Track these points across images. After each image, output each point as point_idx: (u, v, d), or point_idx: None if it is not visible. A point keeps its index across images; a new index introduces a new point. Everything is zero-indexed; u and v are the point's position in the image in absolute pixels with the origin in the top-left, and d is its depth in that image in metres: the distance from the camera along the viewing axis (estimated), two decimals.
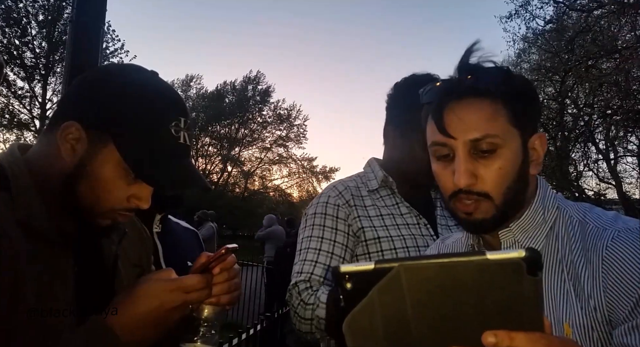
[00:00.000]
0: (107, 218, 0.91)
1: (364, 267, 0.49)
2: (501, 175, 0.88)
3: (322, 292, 1.42)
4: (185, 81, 30.21)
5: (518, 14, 13.76)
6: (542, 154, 0.95)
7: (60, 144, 0.87)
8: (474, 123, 0.87)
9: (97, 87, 0.90)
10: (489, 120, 0.87)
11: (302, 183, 31.87)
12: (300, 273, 1.50)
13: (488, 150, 0.88)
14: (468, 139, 0.88)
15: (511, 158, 0.89)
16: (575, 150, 17.22)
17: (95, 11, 2.49)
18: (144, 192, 0.91)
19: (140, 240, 1.13)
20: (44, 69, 20.35)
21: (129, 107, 0.88)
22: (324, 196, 1.60)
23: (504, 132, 0.88)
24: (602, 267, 0.83)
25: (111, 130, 0.87)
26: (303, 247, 1.55)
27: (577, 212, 0.94)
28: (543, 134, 0.94)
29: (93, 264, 0.96)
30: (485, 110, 0.88)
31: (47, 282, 0.85)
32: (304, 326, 1.43)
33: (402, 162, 1.60)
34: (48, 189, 0.89)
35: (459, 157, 0.89)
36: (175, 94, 0.96)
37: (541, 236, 0.94)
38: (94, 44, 2.45)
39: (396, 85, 1.62)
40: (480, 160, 0.89)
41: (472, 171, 0.88)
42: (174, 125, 0.90)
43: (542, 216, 0.95)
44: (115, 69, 0.98)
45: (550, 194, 0.98)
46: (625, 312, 0.79)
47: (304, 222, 1.61)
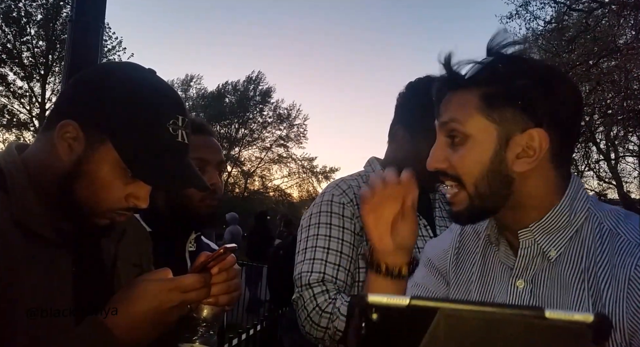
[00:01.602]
0: (105, 218, 0.90)
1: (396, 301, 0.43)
2: (468, 163, 0.90)
3: (341, 303, 1.39)
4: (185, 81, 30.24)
5: (519, 14, 13.76)
6: (540, 152, 0.88)
7: (57, 143, 0.86)
8: (445, 109, 0.93)
9: (94, 85, 0.90)
10: (459, 108, 0.91)
11: (302, 183, 31.86)
12: (310, 272, 1.45)
13: (455, 137, 0.91)
14: (440, 122, 0.94)
15: (481, 149, 0.89)
16: (576, 151, 17.23)
17: (95, 10, 2.48)
18: (141, 191, 0.90)
19: (140, 239, 1.12)
20: (43, 68, 20.34)
21: (126, 105, 0.87)
22: (327, 194, 1.57)
23: (474, 121, 0.89)
24: (628, 287, 0.80)
25: (108, 129, 0.86)
26: (309, 246, 1.51)
27: (609, 220, 0.89)
28: (542, 131, 0.88)
29: (92, 264, 0.96)
30: (460, 99, 0.92)
31: (45, 282, 0.84)
32: (316, 332, 1.40)
33: (406, 162, 1.57)
34: (45, 188, 0.88)
35: (437, 142, 0.95)
36: (173, 92, 0.96)
37: (564, 239, 0.90)
38: (94, 43, 2.45)
39: (410, 84, 1.59)
40: (453, 147, 0.92)
41: (441, 156, 0.93)
42: (172, 124, 0.89)
43: (568, 219, 0.90)
44: (113, 68, 0.97)
45: (582, 195, 0.93)
46: None
47: (307, 220, 1.57)
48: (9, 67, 20.20)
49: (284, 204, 30.85)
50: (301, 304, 1.44)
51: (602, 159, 17.13)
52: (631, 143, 16.80)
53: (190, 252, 1.42)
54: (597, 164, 17.31)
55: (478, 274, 1.02)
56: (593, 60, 12.62)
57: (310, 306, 1.41)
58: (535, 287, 0.92)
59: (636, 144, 16.60)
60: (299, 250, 1.55)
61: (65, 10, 18.37)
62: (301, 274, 1.47)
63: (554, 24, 13.66)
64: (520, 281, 0.93)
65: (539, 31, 14.17)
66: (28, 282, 0.81)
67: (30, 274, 0.82)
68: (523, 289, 0.93)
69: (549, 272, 0.91)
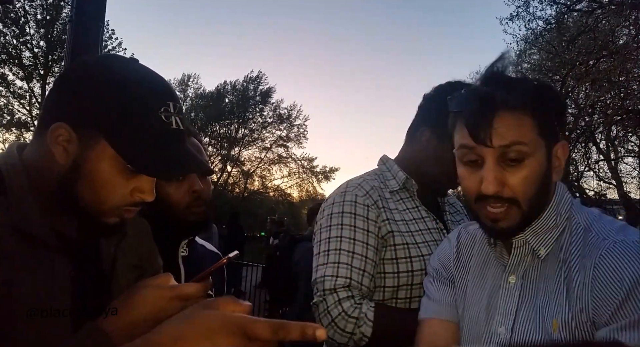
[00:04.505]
0: (113, 216, 0.88)
1: None
2: (527, 183, 0.93)
3: (367, 308, 1.36)
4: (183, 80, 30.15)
5: (519, 15, 13.75)
6: (564, 162, 1.00)
7: (51, 147, 0.84)
8: (505, 132, 0.92)
9: (78, 83, 0.87)
10: (519, 131, 0.92)
11: (302, 183, 31.84)
12: (336, 277, 1.38)
13: (516, 159, 0.92)
14: (498, 146, 0.92)
15: (537, 167, 0.94)
16: (576, 151, 17.22)
17: (95, 10, 2.48)
18: (145, 184, 0.89)
19: (140, 237, 1.10)
20: (42, 68, 20.31)
21: (113, 99, 0.84)
22: (349, 194, 1.49)
23: (532, 142, 0.93)
24: (592, 274, 0.90)
25: (100, 126, 0.84)
26: (332, 248, 1.43)
27: (585, 220, 0.99)
28: (565, 142, 1.00)
29: (90, 267, 0.94)
30: (516, 121, 0.93)
31: (44, 286, 0.83)
32: (340, 337, 1.36)
33: (426, 164, 1.55)
34: (45, 191, 0.86)
35: (488, 164, 0.93)
36: (160, 78, 0.92)
37: (551, 239, 0.99)
38: (94, 43, 2.44)
39: (440, 86, 1.55)
40: (508, 169, 0.93)
41: (500, 179, 0.93)
42: (164, 111, 0.87)
43: (555, 221, 1.00)
44: (93, 62, 0.93)
45: (565, 199, 1.02)
46: (607, 315, 0.86)
47: (328, 220, 1.48)
48: (8, 67, 20.19)
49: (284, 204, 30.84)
50: (323, 309, 1.38)
51: (602, 159, 17.11)
52: (631, 143, 16.78)
53: (183, 257, 1.40)
54: (597, 164, 17.30)
55: (476, 272, 1.11)
56: (593, 60, 12.62)
57: (335, 312, 1.36)
58: (525, 282, 1.01)
59: (636, 144, 16.59)
60: (320, 251, 1.46)
61: (65, 10, 18.35)
62: (324, 277, 1.40)
63: (554, 24, 13.65)
64: (513, 276, 1.03)
65: (539, 31, 14.17)
66: (27, 286, 0.80)
67: (29, 278, 0.81)
68: (514, 283, 1.02)
69: (539, 268, 1.00)
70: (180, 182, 1.32)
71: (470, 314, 1.08)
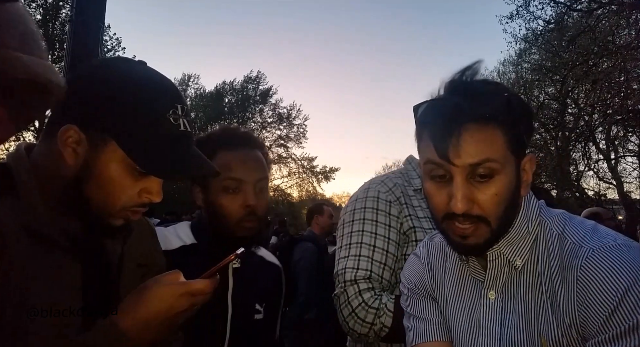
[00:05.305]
0: (119, 217, 0.90)
1: None
2: (497, 200, 0.88)
3: (387, 299, 1.37)
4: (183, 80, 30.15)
5: (519, 14, 13.75)
6: (531, 175, 0.96)
7: (61, 149, 0.85)
8: (474, 148, 0.86)
9: (87, 86, 0.88)
10: (489, 147, 0.87)
11: (302, 183, 31.85)
12: (356, 269, 1.41)
13: (485, 175, 0.87)
14: (467, 163, 0.86)
15: (507, 183, 0.89)
16: (576, 150, 17.25)
17: (95, 10, 2.47)
18: (153, 186, 0.90)
19: (145, 237, 1.11)
20: None
21: (123, 101, 0.86)
22: (372, 190, 1.52)
23: (502, 157, 0.88)
24: (576, 287, 0.86)
25: (109, 128, 0.85)
26: (353, 241, 1.46)
27: (557, 225, 0.95)
28: (533, 155, 0.96)
29: (99, 266, 0.95)
30: (486, 137, 0.86)
31: (53, 284, 0.84)
32: (360, 328, 1.37)
33: None
34: (54, 192, 0.87)
35: (457, 182, 0.87)
36: (168, 81, 0.94)
37: (525, 248, 0.95)
38: (94, 43, 2.44)
39: None
40: (477, 185, 0.88)
41: (469, 197, 0.87)
42: (172, 114, 0.88)
43: (527, 228, 0.95)
44: (102, 65, 0.95)
45: (532, 204, 0.98)
46: (596, 327, 0.83)
47: (350, 215, 1.51)
48: None
49: (284, 204, 30.83)
50: (344, 300, 1.40)
51: (602, 159, 17.11)
52: (631, 143, 16.79)
53: (235, 269, 1.35)
54: (597, 164, 17.30)
55: (453, 289, 1.05)
56: (593, 60, 12.63)
57: (355, 302, 1.37)
58: (505, 296, 0.96)
59: (636, 144, 16.59)
60: (342, 245, 1.49)
61: (65, 10, 18.36)
62: (345, 269, 1.43)
63: (554, 24, 13.66)
64: (492, 292, 0.98)
65: (539, 31, 14.18)
66: (36, 285, 0.81)
67: (38, 277, 0.82)
68: (495, 299, 0.97)
69: (516, 281, 0.96)
70: (235, 194, 1.29)
71: (454, 334, 1.03)
